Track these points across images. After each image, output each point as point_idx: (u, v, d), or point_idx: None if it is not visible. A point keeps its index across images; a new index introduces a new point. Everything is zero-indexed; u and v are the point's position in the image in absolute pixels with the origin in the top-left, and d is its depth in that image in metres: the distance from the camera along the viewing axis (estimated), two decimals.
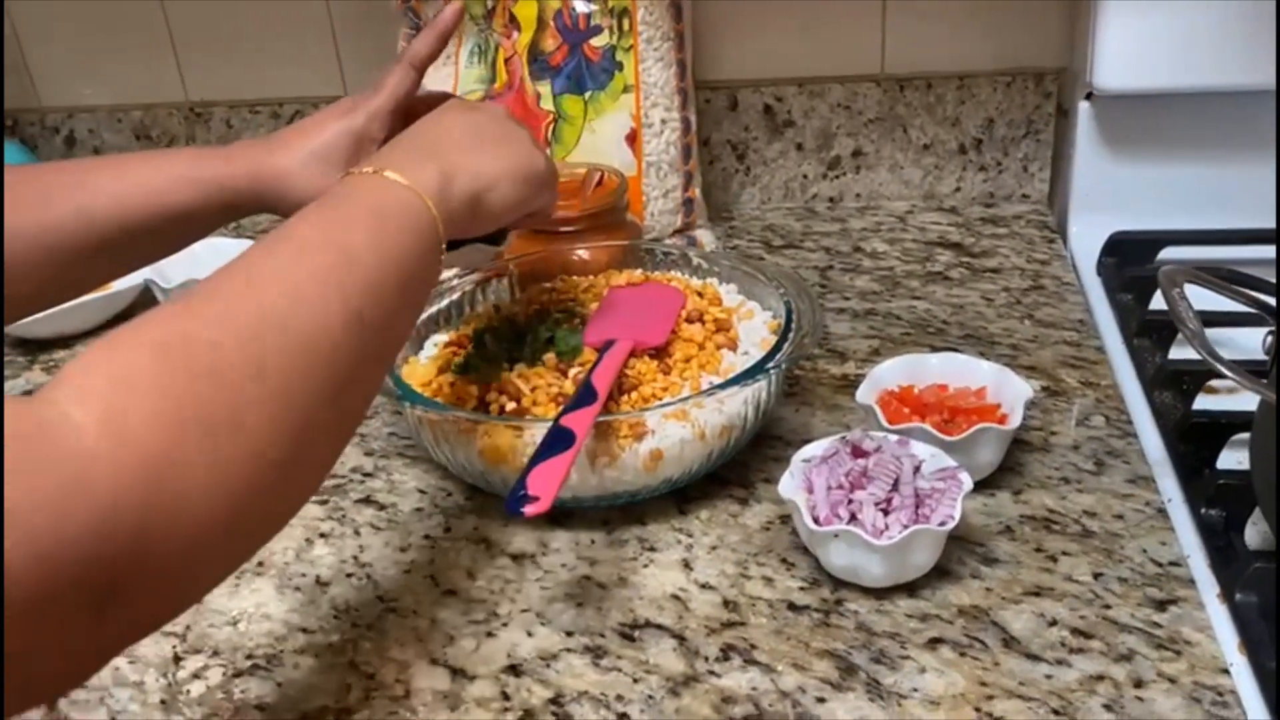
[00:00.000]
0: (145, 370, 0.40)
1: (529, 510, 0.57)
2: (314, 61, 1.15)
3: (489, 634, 0.62)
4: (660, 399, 0.69)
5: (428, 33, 0.73)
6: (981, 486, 0.70)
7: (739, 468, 0.73)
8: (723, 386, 0.66)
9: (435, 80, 1.00)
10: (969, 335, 0.88)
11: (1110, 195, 1.00)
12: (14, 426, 0.36)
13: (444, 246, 0.56)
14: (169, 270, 1.00)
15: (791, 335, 0.71)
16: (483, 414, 0.68)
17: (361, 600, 0.66)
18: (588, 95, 0.98)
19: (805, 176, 1.13)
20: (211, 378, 0.41)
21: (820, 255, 1.03)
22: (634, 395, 0.69)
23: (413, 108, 0.71)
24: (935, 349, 0.86)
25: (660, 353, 0.72)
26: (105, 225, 0.65)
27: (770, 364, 0.68)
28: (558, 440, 0.61)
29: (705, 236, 1.03)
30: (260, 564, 0.69)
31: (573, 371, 0.70)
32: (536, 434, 0.65)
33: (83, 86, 1.20)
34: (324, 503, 0.74)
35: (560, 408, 0.67)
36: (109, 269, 0.70)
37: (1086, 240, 1.00)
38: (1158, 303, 0.86)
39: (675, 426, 0.66)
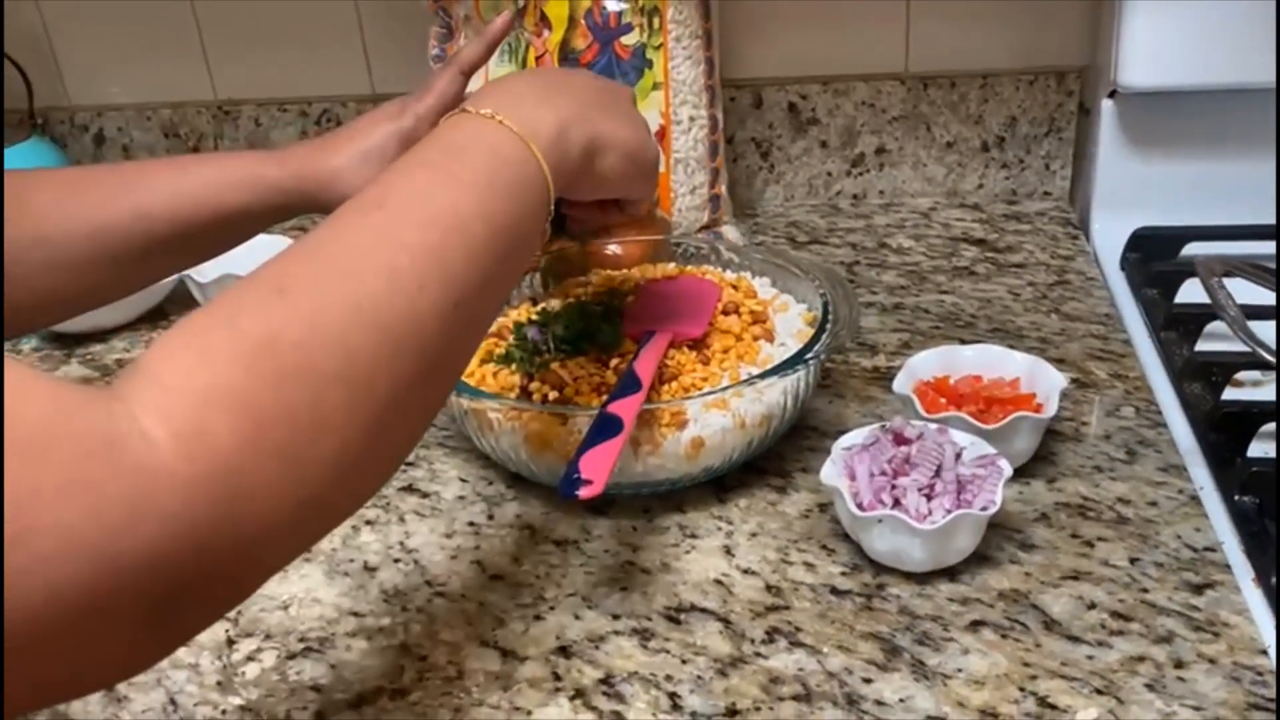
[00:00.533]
0: (231, 385, 0.38)
1: (583, 493, 0.58)
2: (342, 60, 1.16)
3: (537, 617, 0.64)
4: (700, 389, 0.70)
5: (478, 40, 0.74)
6: (1016, 475, 0.71)
7: (775, 458, 0.74)
8: (763, 376, 0.67)
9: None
10: (997, 329, 0.89)
11: (1133, 192, 1.01)
12: (82, 444, 0.34)
13: (551, 209, 0.55)
14: (205, 265, 1.01)
15: (828, 327, 0.72)
16: (529, 402, 0.69)
17: (410, 585, 0.67)
18: None
19: (829, 174, 1.14)
20: (297, 382, 0.39)
21: (846, 251, 1.04)
22: (674, 385, 0.70)
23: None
24: (965, 342, 0.87)
25: (698, 344, 0.73)
26: (162, 225, 0.66)
27: (809, 355, 0.69)
28: (606, 427, 0.62)
29: (731, 233, 1.04)
30: (308, 551, 0.70)
31: (613, 362, 0.72)
32: (581, 422, 0.66)
33: (112, 85, 1.21)
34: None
35: (602, 397, 0.69)
36: (162, 268, 0.72)
37: (1109, 236, 1.01)
38: (1183, 296, 0.88)
39: (716, 415, 0.68)
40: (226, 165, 0.69)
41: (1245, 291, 0.77)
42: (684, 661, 0.60)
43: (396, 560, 0.69)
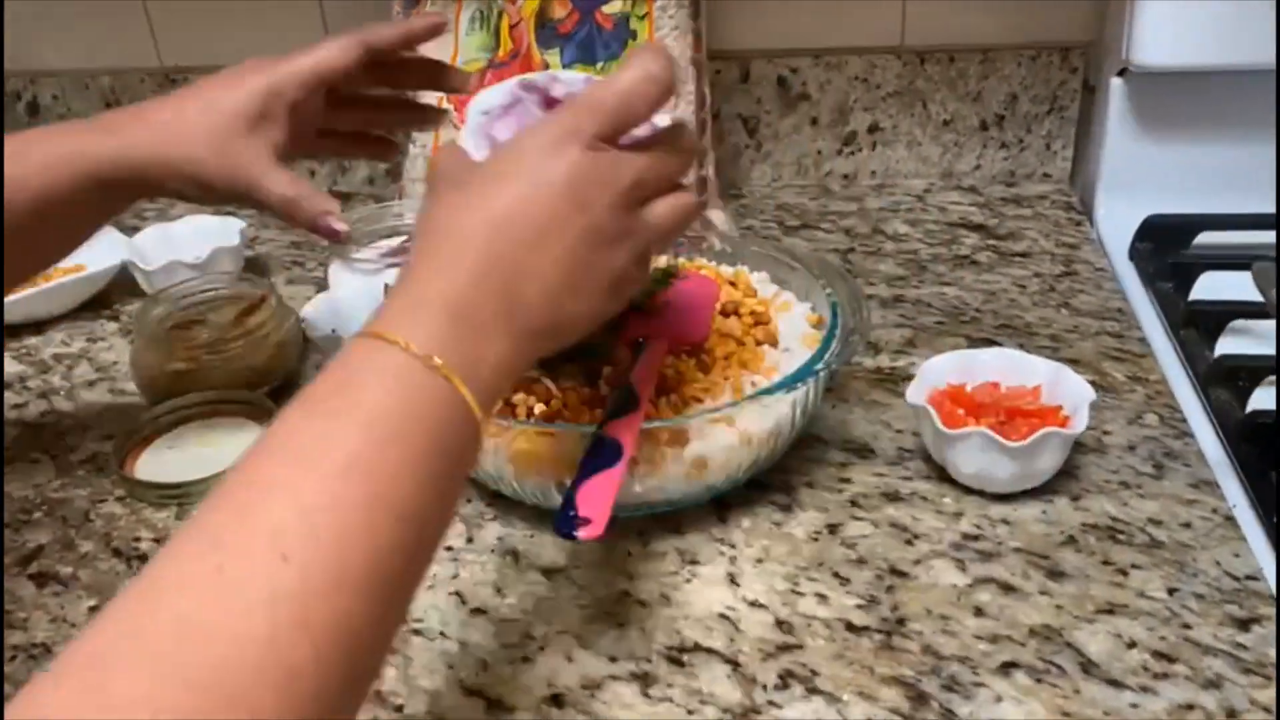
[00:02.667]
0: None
1: (583, 534, 0.52)
2: (298, 26, 1.08)
3: (525, 659, 0.58)
4: (701, 401, 0.64)
5: (395, 26, 0.64)
6: (1038, 492, 0.66)
7: (778, 471, 0.68)
8: (773, 390, 0.62)
9: (433, 49, 0.94)
10: (1005, 325, 0.84)
11: (1141, 176, 0.96)
12: None
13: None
14: (149, 252, 0.93)
15: (838, 333, 0.66)
16: (513, 419, 0.63)
17: None
18: (600, 66, 0.92)
19: (819, 152, 1.08)
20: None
21: (840, 237, 0.98)
22: (673, 397, 0.64)
23: (354, 90, 0.64)
24: (972, 339, 0.82)
25: (697, 349, 0.67)
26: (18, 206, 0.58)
27: (820, 365, 0.63)
28: (603, 452, 0.56)
29: (718, 217, 0.97)
30: None
31: (605, 371, 0.65)
32: (568, 440, 0.60)
33: (46, 48, 1.12)
34: None
35: (594, 412, 0.63)
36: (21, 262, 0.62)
37: (1116, 223, 0.96)
38: (1199, 292, 0.83)
39: (720, 431, 0.62)
40: (32, 142, 0.59)
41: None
42: (690, 712, 0.54)
43: None
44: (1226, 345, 0.77)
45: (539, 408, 0.64)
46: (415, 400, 0.42)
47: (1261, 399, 0.71)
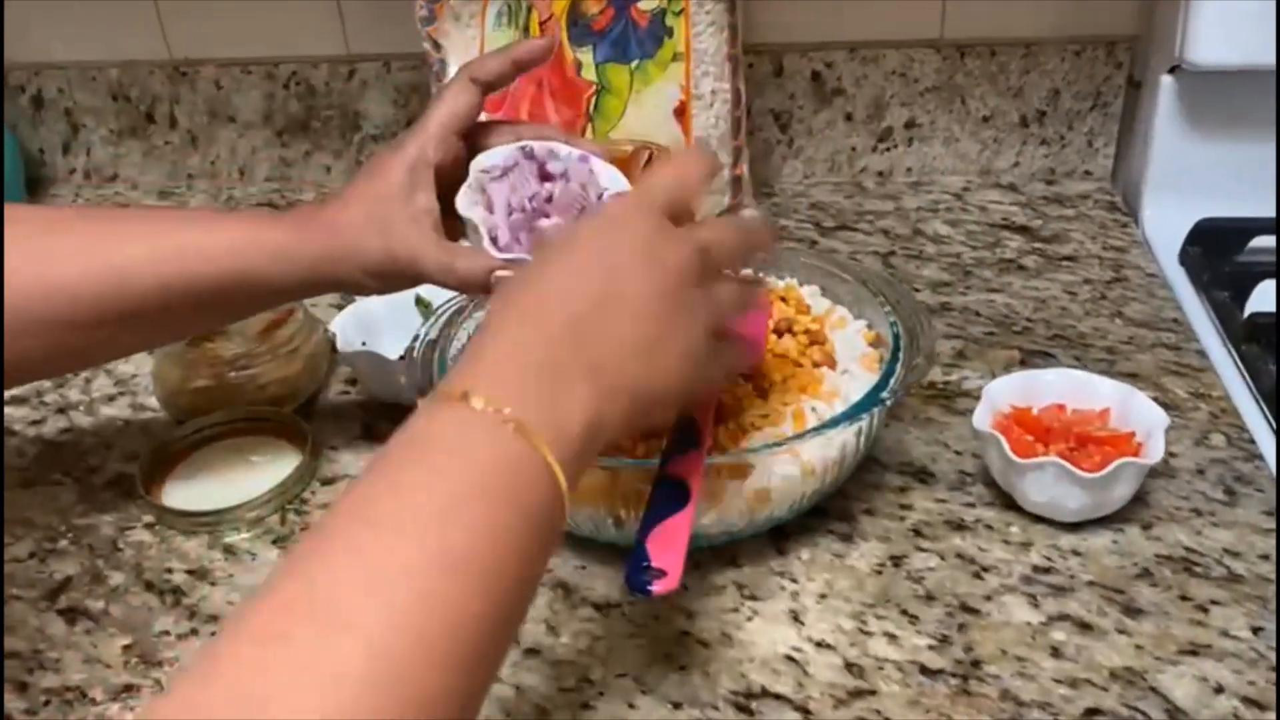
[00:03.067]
0: None
1: (658, 588, 0.50)
2: (313, 15, 1.04)
3: (584, 705, 0.55)
4: (760, 429, 0.61)
5: (500, 55, 0.62)
6: (1107, 521, 0.63)
7: (837, 497, 0.66)
8: (838, 421, 0.59)
9: (458, 43, 0.90)
10: (1058, 336, 0.81)
11: (1190, 177, 0.93)
12: None
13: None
14: None
15: (902, 356, 0.63)
16: None
17: None
18: (634, 64, 0.88)
19: (853, 149, 1.05)
20: None
21: (880, 239, 0.95)
22: (731, 425, 0.61)
23: (482, 140, 0.62)
24: (1024, 351, 0.79)
25: (754, 373, 0.64)
26: (142, 286, 0.57)
27: (886, 394, 0.60)
28: (670, 494, 0.53)
29: (753, 217, 0.94)
30: None
31: None
32: (624, 474, 0.57)
33: (52, 40, 1.08)
34: None
35: (647, 443, 0.60)
36: (138, 335, 0.62)
37: (1163, 225, 0.93)
38: (1260, 302, 0.80)
39: (783, 462, 0.59)
40: (218, 224, 0.60)
41: None
42: None
43: None
44: None
45: None
46: (494, 461, 0.39)
47: None
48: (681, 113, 0.90)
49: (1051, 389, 0.67)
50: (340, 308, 0.83)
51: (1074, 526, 0.63)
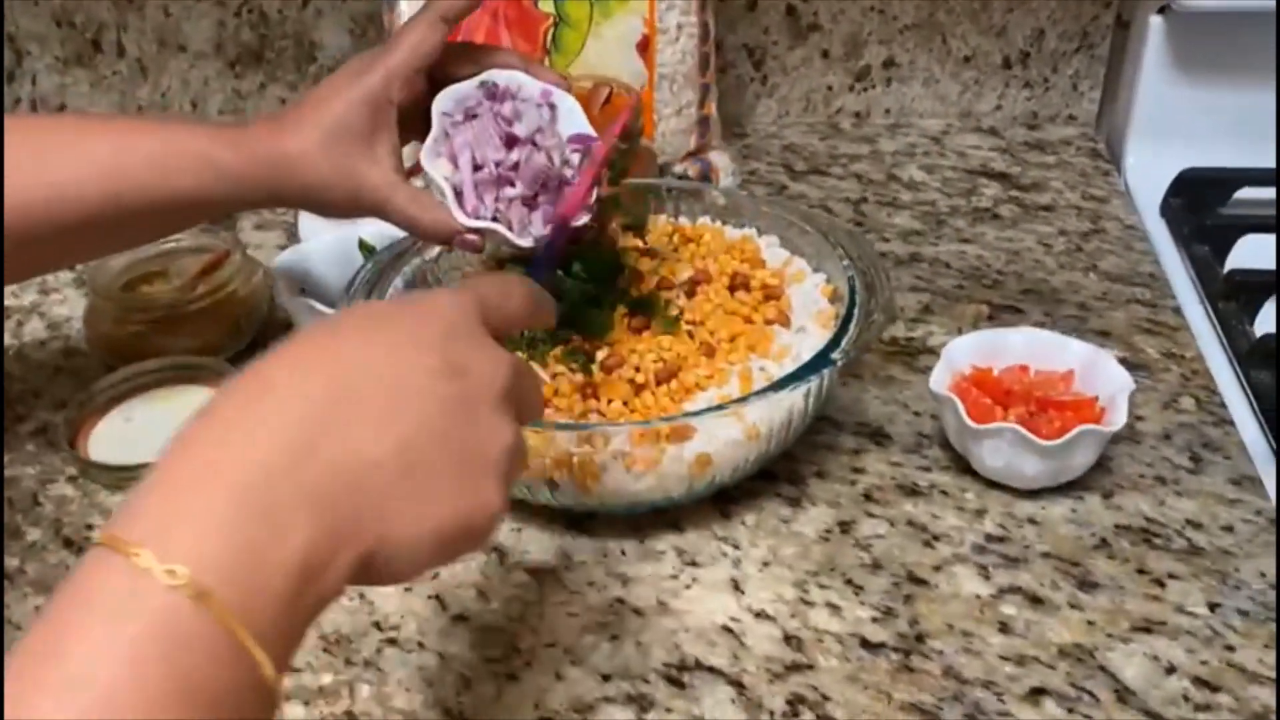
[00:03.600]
0: None
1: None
2: None
3: (510, 676, 0.53)
4: (704, 388, 0.58)
5: None
6: (1067, 488, 0.61)
7: (785, 459, 0.63)
8: (785, 383, 0.56)
9: None
10: (1029, 290, 0.78)
11: (1176, 124, 0.89)
12: None
13: None
14: None
15: (857, 314, 0.60)
16: None
17: (355, 628, 0.56)
18: None
19: (829, 88, 1.00)
20: None
21: (852, 184, 0.92)
22: (674, 384, 0.58)
23: (442, 68, 0.59)
24: (994, 306, 0.76)
25: (698, 329, 0.61)
26: (93, 207, 0.55)
27: (837, 354, 0.57)
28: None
29: (721, 160, 0.90)
30: None
31: (600, 355, 0.60)
32: (563, 437, 0.54)
33: None
34: None
35: (589, 401, 0.57)
36: (84, 252, 0.62)
37: (1146, 173, 0.89)
38: (1241, 257, 0.77)
39: (725, 425, 0.56)
40: (174, 137, 0.57)
41: None
42: None
43: None
44: (1269, 321, 0.71)
45: None
46: (158, 641, 0.29)
47: None
48: (645, 47, 0.85)
49: (1015, 349, 0.64)
50: (281, 247, 0.79)
51: (1032, 494, 0.61)
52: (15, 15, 1.04)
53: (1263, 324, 0.71)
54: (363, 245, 0.78)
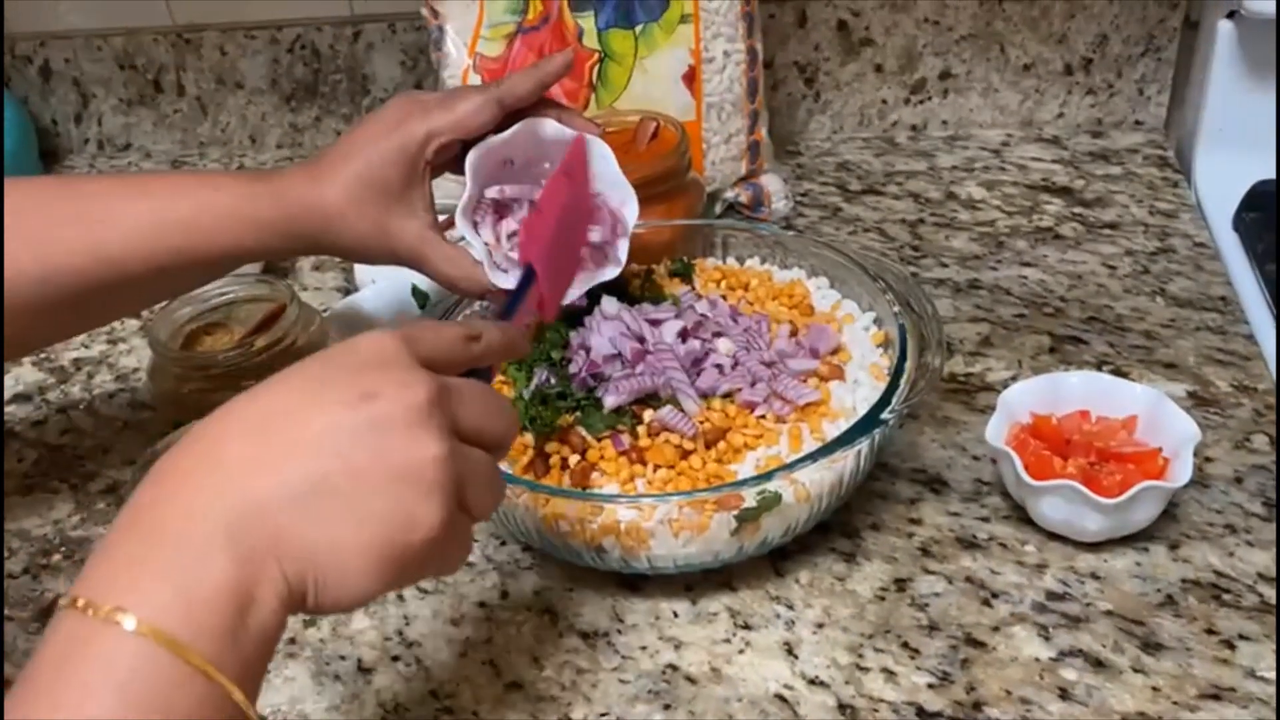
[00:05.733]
0: None
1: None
2: None
3: None
4: (753, 448, 0.58)
5: (529, 73, 0.60)
6: (1132, 539, 0.59)
7: (841, 510, 0.62)
8: (833, 447, 0.55)
9: (455, 10, 0.86)
10: (1093, 318, 0.75)
11: (1248, 132, 0.86)
12: None
13: None
14: None
15: (908, 367, 0.59)
16: (540, 485, 0.57)
17: (412, 695, 0.56)
18: (639, 29, 0.83)
19: (884, 102, 0.98)
20: None
21: (908, 204, 0.90)
22: (721, 445, 0.58)
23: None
24: (1055, 337, 0.74)
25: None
26: (134, 270, 0.57)
27: (888, 414, 0.56)
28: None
29: (773, 184, 0.89)
30: (293, 640, 0.60)
31: (647, 415, 0.59)
32: (612, 509, 0.54)
33: (57, 8, 1.05)
34: None
35: (634, 466, 0.57)
36: (130, 307, 0.65)
37: (1217, 183, 0.86)
38: None
39: (774, 489, 0.55)
40: (209, 200, 0.58)
41: None
42: None
43: (395, 658, 0.58)
44: None
45: (574, 459, 0.58)
46: (118, 679, 0.33)
47: None
48: (691, 78, 0.84)
49: (1074, 394, 0.62)
50: (346, 291, 0.80)
51: (1095, 546, 0.59)
52: (80, 60, 1.07)
53: None
54: (415, 291, 0.78)
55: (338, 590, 0.37)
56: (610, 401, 0.58)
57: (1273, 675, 0.53)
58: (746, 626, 0.58)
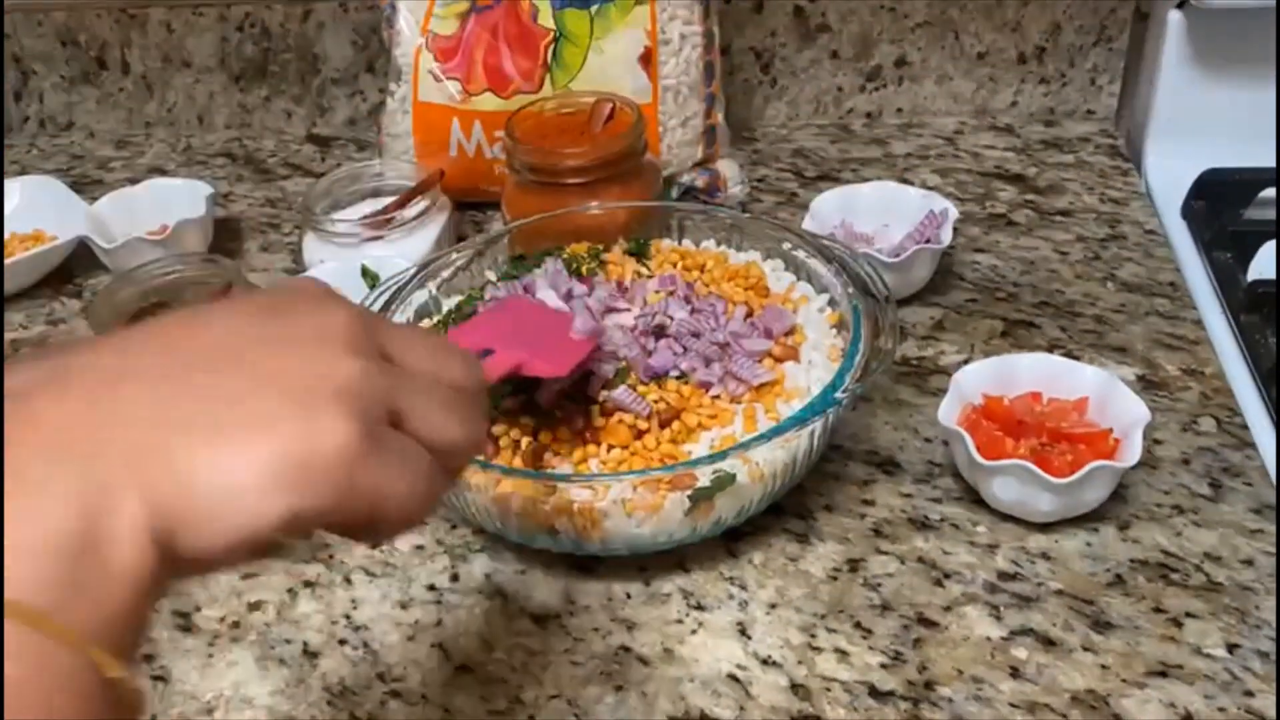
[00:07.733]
0: None
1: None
2: None
3: None
4: (707, 428, 0.57)
5: None
6: (1082, 520, 0.59)
7: (794, 491, 0.62)
8: (787, 426, 0.55)
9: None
10: (1044, 303, 0.76)
11: (1198, 122, 0.87)
12: None
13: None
14: (109, 222, 0.86)
15: (861, 347, 0.59)
16: (493, 465, 0.56)
17: (359, 679, 0.55)
18: (594, 9, 0.82)
19: (840, 89, 0.98)
20: None
21: None
22: (675, 426, 0.57)
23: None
24: (1008, 322, 0.74)
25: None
26: None
27: (841, 393, 0.56)
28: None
29: (729, 169, 0.89)
30: (236, 624, 0.59)
31: (603, 395, 0.58)
32: (566, 490, 0.54)
33: None
34: (304, 538, 0.63)
35: (587, 447, 0.56)
36: None
37: (1167, 173, 0.87)
38: (1265, 266, 0.75)
39: (728, 469, 0.55)
40: None
41: None
42: None
43: (342, 642, 0.57)
44: None
45: (525, 441, 0.57)
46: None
47: None
48: (648, 60, 0.84)
49: (1026, 376, 0.62)
50: (294, 272, 0.79)
51: (1046, 526, 0.59)
52: (20, 36, 1.04)
53: None
54: (365, 272, 0.77)
55: (218, 514, 0.29)
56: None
57: (1220, 653, 0.53)
58: (699, 607, 0.57)
